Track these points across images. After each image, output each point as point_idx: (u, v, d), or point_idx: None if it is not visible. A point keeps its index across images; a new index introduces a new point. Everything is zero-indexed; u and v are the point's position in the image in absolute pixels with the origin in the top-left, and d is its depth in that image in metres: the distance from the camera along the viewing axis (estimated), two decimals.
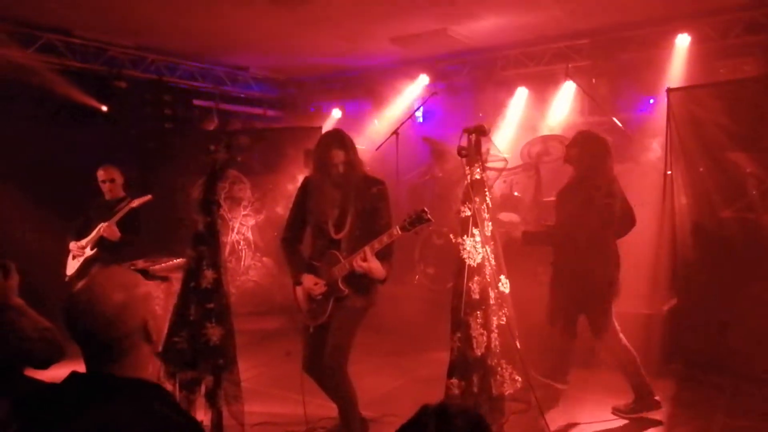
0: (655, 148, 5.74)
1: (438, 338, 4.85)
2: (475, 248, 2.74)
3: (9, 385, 2.33)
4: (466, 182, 2.78)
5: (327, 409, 3.77)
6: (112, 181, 5.17)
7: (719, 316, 4.71)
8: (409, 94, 7.79)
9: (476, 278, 2.73)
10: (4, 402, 2.25)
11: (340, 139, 3.43)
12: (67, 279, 5.12)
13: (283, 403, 4.22)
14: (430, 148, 6.99)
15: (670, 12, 5.98)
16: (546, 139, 6.50)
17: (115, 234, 4.97)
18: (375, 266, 3.20)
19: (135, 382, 1.55)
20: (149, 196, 5.15)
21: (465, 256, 2.75)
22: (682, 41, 6.16)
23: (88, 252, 5.06)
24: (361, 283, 3.39)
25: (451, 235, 6.17)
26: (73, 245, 5.14)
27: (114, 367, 1.55)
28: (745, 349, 4.38)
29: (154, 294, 1.66)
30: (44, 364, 2.49)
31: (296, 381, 3.63)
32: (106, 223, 4.99)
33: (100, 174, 5.19)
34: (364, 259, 3.15)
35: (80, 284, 1.63)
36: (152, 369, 1.69)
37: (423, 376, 4.81)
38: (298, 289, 3.54)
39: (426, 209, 3.04)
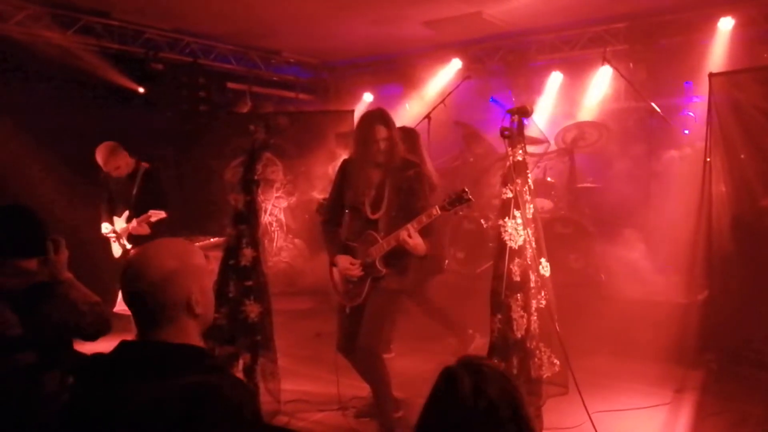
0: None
1: (468, 322, 4.88)
2: (517, 230, 2.73)
3: (59, 358, 2.41)
4: (507, 163, 2.76)
5: (359, 389, 3.81)
6: (117, 168, 4.73)
7: (756, 307, 4.62)
8: (442, 78, 7.72)
9: (517, 260, 2.72)
10: (55, 373, 2.33)
11: (382, 116, 3.47)
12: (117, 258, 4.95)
13: (315, 382, 4.26)
14: (462, 133, 6.94)
15: None
16: (581, 124, 6.41)
17: (145, 230, 4.71)
18: (418, 242, 3.20)
19: (184, 348, 1.56)
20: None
21: (506, 238, 2.74)
22: (725, 25, 5.97)
23: (126, 245, 4.86)
24: (399, 264, 3.41)
25: (482, 221, 6.14)
26: (106, 227, 4.94)
27: (161, 334, 1.55)
28: None
29: (208, 268, 1.68)
30: (93, 337, 2.56)
31: (327, 361, 3.68)
32: (133, 224, 4.74)
33: (101, 163, 4.71)
34: (410, 236, 3.16)
35: (138, 249, 1.66)
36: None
37: (453, 360, 4.81)
38: (335, 270, 3.55)
39: (466, 189, 3.02)
